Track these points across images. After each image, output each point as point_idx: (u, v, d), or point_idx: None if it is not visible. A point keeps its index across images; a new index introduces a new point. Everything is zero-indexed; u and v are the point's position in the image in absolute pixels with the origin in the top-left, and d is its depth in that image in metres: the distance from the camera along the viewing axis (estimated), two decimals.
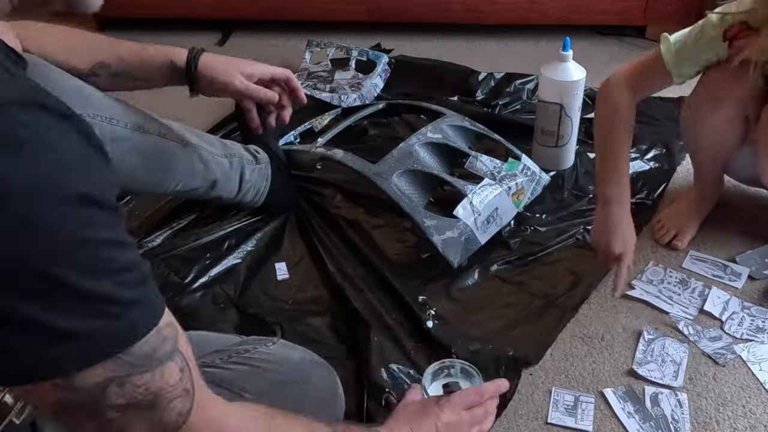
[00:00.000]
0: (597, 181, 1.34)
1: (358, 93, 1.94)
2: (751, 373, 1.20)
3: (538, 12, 2.26)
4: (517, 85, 1.98)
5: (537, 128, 1.65)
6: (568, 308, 1.32)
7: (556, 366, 1.22)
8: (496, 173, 1.47)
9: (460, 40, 2.34)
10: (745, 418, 1.13)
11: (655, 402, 1.15)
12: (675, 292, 1.35)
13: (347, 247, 1.45)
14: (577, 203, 1.58)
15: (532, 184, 1.52)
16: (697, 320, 1.30)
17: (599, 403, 1.15)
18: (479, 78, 2.01)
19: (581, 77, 1.58)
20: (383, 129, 1.82)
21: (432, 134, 1.54)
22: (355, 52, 2.07)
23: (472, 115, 1.74)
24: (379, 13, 2.31)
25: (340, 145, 1.62)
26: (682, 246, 1.45)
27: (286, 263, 1.42)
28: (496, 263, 1.41)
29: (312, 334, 1.26)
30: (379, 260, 1.40)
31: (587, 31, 2.32)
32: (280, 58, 2.20)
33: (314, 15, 2.33)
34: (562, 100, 1.58)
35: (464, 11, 2.28)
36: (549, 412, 1.14)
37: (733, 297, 1.34)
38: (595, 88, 1.93)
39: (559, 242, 1.46)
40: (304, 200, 1.56)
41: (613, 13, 2.25)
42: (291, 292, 1.36)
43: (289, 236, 1.49)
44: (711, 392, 1.17)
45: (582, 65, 1.60)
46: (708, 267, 1.41)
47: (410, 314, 1.28)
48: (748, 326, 1.28)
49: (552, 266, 1.42)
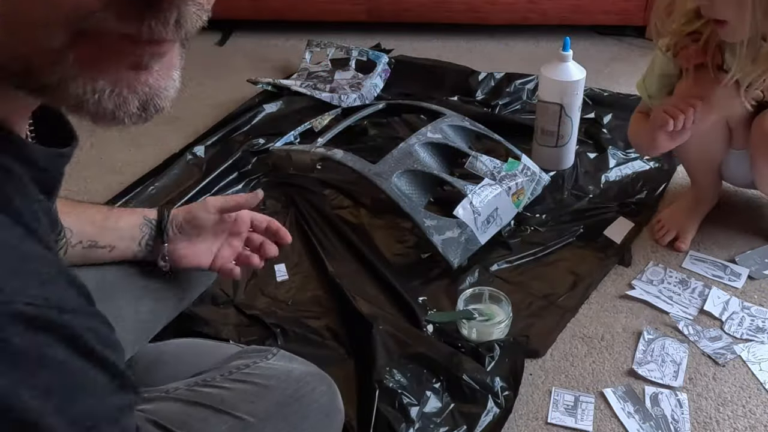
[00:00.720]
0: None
1: (358, 93, 1.94)
2: (751, 373, 1.20)
3: (538, 12, 2.26)
4: (517, 85, 1.98)
5: (537, 128, 1.65)
6: (568, 308, 1.32)
7: (556, 366, 1.22)
8: (496, 173, 1.47)
9: (460, 40, 2.34)
10: (745, 418, 1.12)
11: (655, 402, 1.15)
12: (675, 292, 1.35)
13: (347, 247, 1.45)
14: (577, 203, 1.58)
15: (532, 184, 1.52)
16: (697, 320, 1.30)
17: (599, 403, 1.15)
18: (479, 78, 2.01)
19: (581, 77, 1.58)
20: (383, 129, 1.82)
21: (432, 134, 1.54)
22: (355, 52, 2.07)
23: (472, 115, 1.74)
24: (379, 13, 2.31)
25: (340, 145, 1.62)
26: (685, 247, 1.45)
27: (285, 264, 1.42)
28: (496, 263, 1.41)
29: (312, 335, 1.26)
30: (379, 260, 1.40)
31: (587, 31, 2.32)
32: (280, 58, 2.21)
33: (314, 15, 2.33)
34: (562, 100, 1.58)
35: (464, 11, 2.29)
36: (549, 412, 1.14)
37: (733, 297, 1.34)
38: (595, 88, 1.96)
39: (559, 242, 1.46)
40: (303, 200, 1.56)
41: (613, 13, 2.25)
42: (290, 293, 1.36)
43: None
44: (711, 392, 1.17)
45: (582, 65, 1.59)
46: (708, 267, 1.41)
47: (410, 314, 1.28)
48: (748, 326, 1.28)
49: (552, 266, 1.42)
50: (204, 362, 0.93)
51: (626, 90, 1.94)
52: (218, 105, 1.95)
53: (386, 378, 1.12)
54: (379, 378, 1.12)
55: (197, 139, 1.81)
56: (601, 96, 1.93)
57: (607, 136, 1.78)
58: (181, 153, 1.74)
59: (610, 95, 1.94)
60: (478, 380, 1.13)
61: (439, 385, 1.14)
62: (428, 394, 1.12)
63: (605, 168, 1.67)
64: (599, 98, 1.92)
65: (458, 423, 1.10)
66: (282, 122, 1.85)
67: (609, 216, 1.52)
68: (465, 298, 1.28)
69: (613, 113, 1.85)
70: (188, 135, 1.85)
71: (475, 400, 1.12)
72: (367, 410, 1.09)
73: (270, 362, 0.91)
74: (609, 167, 1.67)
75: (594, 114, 1.85)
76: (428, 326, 1.26)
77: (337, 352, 1.23)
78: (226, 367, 0.89)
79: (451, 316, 1.28)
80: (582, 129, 1.73)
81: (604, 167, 1.68)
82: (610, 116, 1.84)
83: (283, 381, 0.89)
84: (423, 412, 1.10)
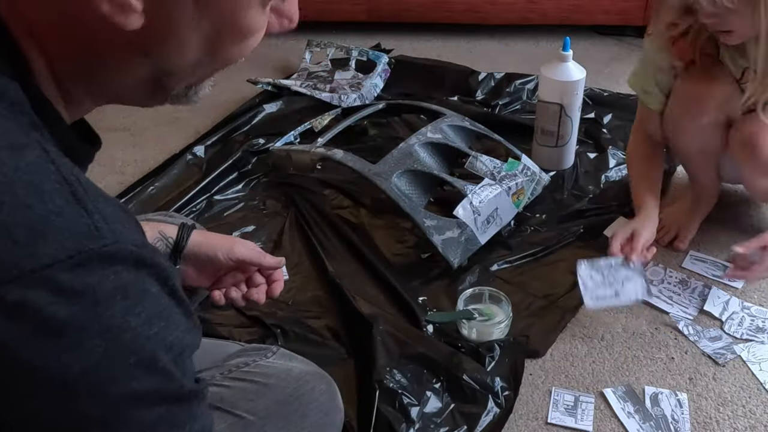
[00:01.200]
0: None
1: (358, 93, 1.94)
2: (751, 373, 1.20)
3: (538, 12, 2.27)
4: (517, 85, 1.98)
5: (537, 128, 1.65)
6: (568, 308, 1.32)
7: (556, 366, 1.22)
8: (496, 173, 1.47)
9: (460, 40, 2.34)
10: (745, 418, 1.13)
11: (655, 402, 1.15)
12: (675, 292, 1.35)
13: (347, 247, 1.45)
14: (577, 203, 1.58)
15: (532, 184, 1.52)
16: (697, 320, 1.30)
17: (599, 403, 1.15)
18: (479, 78, 2.01)
19: (581, 77, 1.58)
20: (383, 129, 1.82)
21: (432, 134, 1.54)
22: (355, 52, 2.07)
23: (472, 115, 1.74)
24: (378, 13, 2.31)
25: (340, 145, 1.62)
26: (684, 246, 1.45)
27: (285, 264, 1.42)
28: (496, 263, 1.41)
29: (312, 335, 1.26)
30: (379, 260, 1.40)
31: (587, 31, 2.32)
32: (280, 58, 2.21)
33: (314, 15, 2.33)
34: (562, 100, 1.58)
35: (464, 11, 2.29)
36: (549, 412, 1.14)
37: (733, 297, 1.34)
38: (595, 88, 1.95)
39: (559, 242, 1.46)
40: (303, 200, 1.56)
41: (613, 13, 2.25)
42: (291, 293, 1.36)
43: (288, 237, 1.49)
44: (711, 392, 1.17)
45: (582, 65, 1.59)
46: (708, 267, 1.41)
47: (410, 314, 1.28)
48: (748, 326, 1.28)
49: (552, 266, 1.42)
50: (204, 360, 0.93)
51: (626, 90, 1.93)
52: (218, 105, 1.95)
53: (386, 378, 1.12)
54: (380, 378, 1.12)
55: (197, 139, 1.81)
56: (601, 96, 1.93)
57: (607, 136, 1.78)
58: (181, 153, 1.74)
59: (610, 95, 1.94)
60: (479, 380, 1.13)
61: (439, 385, 1.14)
62: (428, 394, 1.12)
63: (605, 168, 1.67)
64: (599, 98, 1.92)
65: (458, 423, 1.10)
66: (282, 122, 1.85)
67: (609, 216, 1.52)
68: (465, 298, 1.28)
69: (613, 113, 1.85)
70: (188, 135, 1.85)
71: (475, 400, 1.12)
72: (368, 410, 1.09)
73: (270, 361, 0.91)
74: (609, 167, 1.67)
75: (594, 114, 1.85)
76: (428, 326, 1.26)
77: (337, 352, 1.23)
78: (226, 365, 0.89)
79: (451, 316, 1.28)
80: (582, 129, 1.73)
81: (604, 167, 1.68)
82: (610, 116, 1.84)
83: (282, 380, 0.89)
84: (423, 412, 1.10)
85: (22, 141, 0.45)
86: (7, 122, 0.46)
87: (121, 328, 0.44)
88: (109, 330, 0.44)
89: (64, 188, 0.45)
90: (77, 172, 0.47)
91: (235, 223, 1.52)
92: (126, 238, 0.45)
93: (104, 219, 0.45)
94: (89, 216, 0.44)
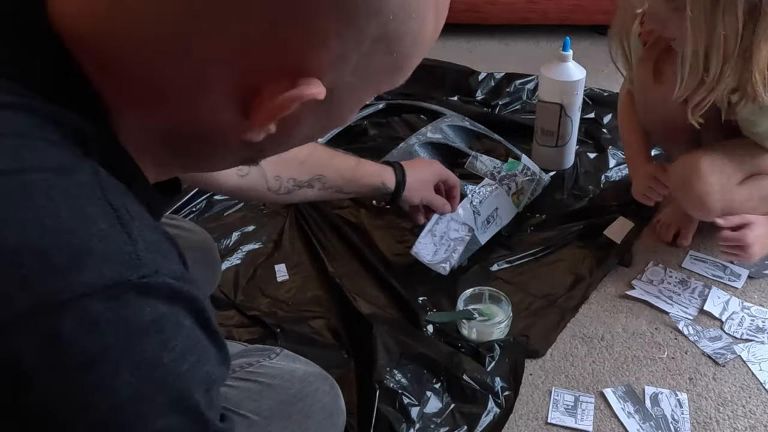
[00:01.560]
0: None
1: None
2: (751, 373, 1.20)
3: (538, 12, 2.27)
4: (517, 85, 1.98)
5: (537, 128, 1.65)
6: (568, 308, 1.32)
7: (556, 366, 1.22)
8: (496, 173, 1.47)
9: (460, 40, 2.34)
10: (745, 418, 1.13)
11: (655, 402, 1.15)
12: (675, 292, 1.35)
13: (347, 247, 1.45)
14: (577, 203, 1.58)
15: (532, 184, 1.52)
16: (697, 320, 1.30)
17: (599, 403, 1.15)
18: (479, 78, 2.01)
19: (581, 77, 1.58)
20: (383, 129, 1.82)
21: (432, 134, 1.54)
22: None
23: (472, 115, 1.74)
24: None
25: (339, 145, 1.62)
26: (687, 243, 1.45)
27: (285, 264, 1.42)
28: (496, 263, 1.41)
29: (312, 336, 1.26)
30: (379, 260, 1.40)
31: (587, 31, 2.32)
32: None
33: None
34: (562, 100, 1.58)
35: (464, 11, 2.28)
36: (549, 412, 1.14)
37: (733, 297, 1.34)
38: (595, 88, 1.95)
39: (559, 242, 1.46)
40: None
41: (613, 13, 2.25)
42: (291, 293, 1.36)
43: (288, 237, 1.49)
44: (711, 392, 1.17)
45: (582, 65, 1.60)
46: (708, 267, 1.41)
47: (410, 314, 1.28)
48: (748, 326, 1.28)
49: (552, 266, 1.42)
50: None
51: None
52: None
53: (386, 378, 1.12)
54: (380, 378, 1.12)
55: None
56: (601, 96, 1.93)
57: (607, 136, 1.78)
58: None
59: (610, 95, 1.94)
60: (479, 380, 1.13)
61: (439, 386, 1.14)
62: (428, 395, 1.12)
63: (605, 168, 1.67)
64: (599, 98, 1.92)
65: (458, 423, 1.10)
66: None
67: (609, 216, 1.52)
68: (465, 298, 1.28)
69: (613, 113, 1.85)
70: None
71: (475, 400, 1.12)
72: (368, 410, 1.09)
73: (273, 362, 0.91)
74: (609, 167, 1.67)
75: (594, 114, 1.86)
76: (428, 326, 1.26)
77: (338, 352, 1.23)
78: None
79: (451, 316, 1.28)
80: (582, 129, 1.73)
81: (604, 167, 1.68)
82: (610, 116, 1.84)
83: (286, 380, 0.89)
84: (423, 412, 1.10)
85: (73, 163, 0.44)
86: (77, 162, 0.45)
87: (154, 365, 0.42)
88: (141, 366, 0.42)
89: (109, 212, 0.43)
90: (125, 196, 0.46)
91: (235, 223, 1.52)
92: (166, 269, 0.44)
93: (147, 247, 0.43)
94: (133, 243, 0.43)
